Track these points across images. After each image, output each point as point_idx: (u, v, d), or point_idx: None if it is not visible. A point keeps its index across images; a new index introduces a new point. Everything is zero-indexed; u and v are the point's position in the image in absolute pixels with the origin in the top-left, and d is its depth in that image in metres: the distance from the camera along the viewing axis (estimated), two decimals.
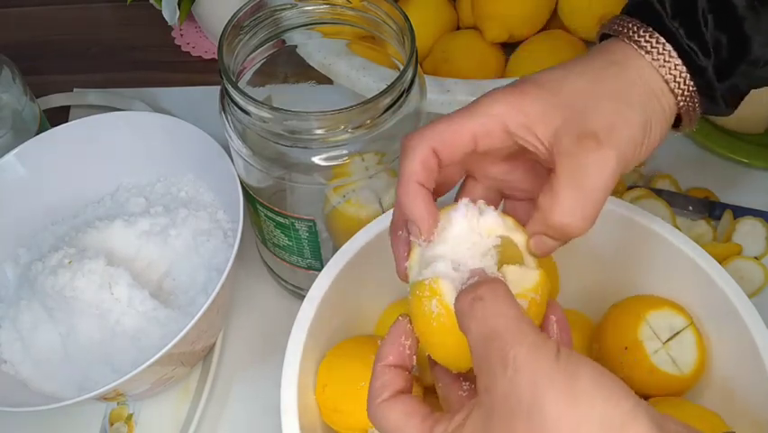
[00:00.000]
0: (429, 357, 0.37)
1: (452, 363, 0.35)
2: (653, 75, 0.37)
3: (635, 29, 0.38)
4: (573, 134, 0.35)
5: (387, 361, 0.35)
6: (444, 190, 0.40)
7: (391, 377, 0.35)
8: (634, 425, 0.26)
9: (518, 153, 0.38)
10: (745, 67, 0.38)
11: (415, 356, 0.36)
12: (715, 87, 0.38)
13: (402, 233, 0.38)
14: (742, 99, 0.40)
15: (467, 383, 0.36)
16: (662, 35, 0.38)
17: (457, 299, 0.32)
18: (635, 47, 0.38)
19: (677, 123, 0.40)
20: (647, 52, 0.37)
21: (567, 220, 0.35)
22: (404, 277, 0.38)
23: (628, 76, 0.37)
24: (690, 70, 0.38)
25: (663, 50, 0.37)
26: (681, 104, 0.38)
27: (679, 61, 0.37)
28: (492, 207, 0.37)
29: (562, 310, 0.37)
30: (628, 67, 0.37)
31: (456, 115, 0.37)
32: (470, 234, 0.36)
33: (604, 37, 0.40)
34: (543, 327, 0.36)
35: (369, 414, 0.35)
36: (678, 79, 0.38)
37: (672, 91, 0.38)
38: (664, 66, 0.37)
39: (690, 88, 0.38)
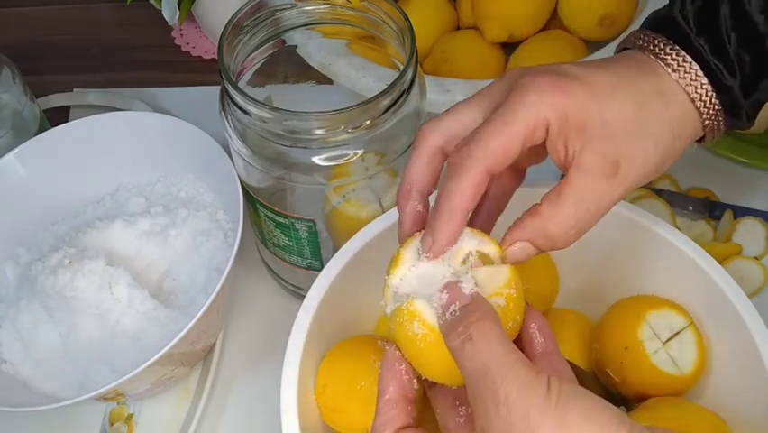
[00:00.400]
0: (425, 380, 0.36)
1: (448, 379, 0.35)
2: (680, 95, 0.37)
3: (662, 46, 0.38)
4: (599, 155, 0.35)
5: (388, 395, 0.35)
6: (503, 204, 0.40)
7: (393, 414, 0.34)
8: None
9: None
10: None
11: (415, 379, 0.35)
12: (741, 105, 0.38)
13: (416, 204, 0.38)
14: (759, 111, 0.40)
15: (463, 408, 0.36)
16: (688, 53, 0.37)
17: (447, 337, 0.32)
18: (662, 64, 0.37)
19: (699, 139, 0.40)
20: (674, 71, 0.37)
21: (561, 233, 0.35)
22: (400, 235, 0.38)
23: (670, 111, 0.37)
24: (715, 89, 0.37)
25: (690, 68, 0.37)
26: (707, 122, 0.38)
27: (705, 80, 0.37)
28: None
29: (541, 316, 0.36)
30: (670, 101, 0.37)
31: (497, 121, 0.35)
32: (437, 265, 0.36)
33: (623, 49, 0.40)
34: (524, 336, 0.36)
35: None
36: (704, 98, 0.37)
37: (698, 110, 0.37)
38: (691, 85, 0.37)
39: (716, 107, 0.38)
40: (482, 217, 0.40)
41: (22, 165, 0.58)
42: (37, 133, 0.61)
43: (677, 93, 0.37)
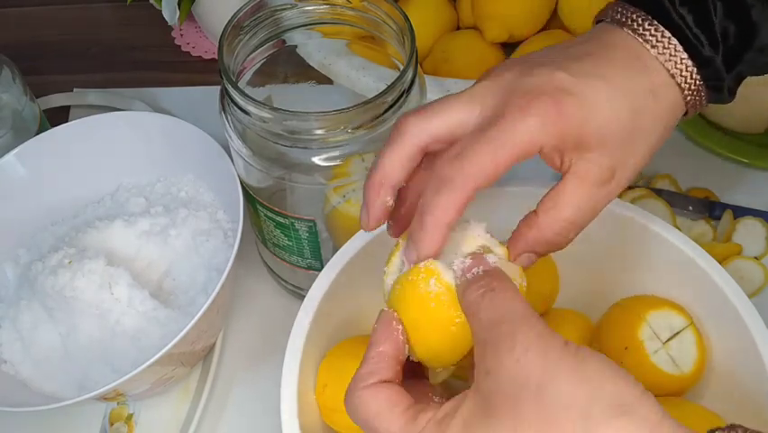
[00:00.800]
0: (408, 363, 0.35)
1: (439, 352, 0.35)
2: (659, 72, 0.37)
3: (640, 21, 0.37)
4: (595, 165, 0.36)
5: (382, 348, 0.34)
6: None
7: (382, 366, 0.33)
8: (645, 405, 0.27)
9: None
10: (752, 54, 0.38)
11: (407, 345, 0.35)
12: (723, 78, 0.38)
13: (386, 198, 0.37)
14: (740, 85, 0.40)
15: (438, 398, 0.36)
16: (667, 28, 0.37)
17: (467, 287, 0.32)
18: (641, 40, 0.37)
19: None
20: (653, 46, 0.37)
21: (561, 238, 0.36)
22: (367, 226, 0.38)
23: (661, 105, 0.37)
24: (696, 63, 0.37)
25: (669, 43, 0.37)
26: (689, 98, 0.38)
27: (685, 55, 0.37)
28: (478, 223, 0.37)
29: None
30: (660, 95, 0.37)
31: (490, 139, 0.34)
32: (454, 243, 0.36)
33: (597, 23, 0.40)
34: None
35: (346, 400, 0.34)
36: (684, 73, 0.37)
37: (680, 86, 0.37)
38: (670, 60, 0.37)
39: (698, 82, 0.37)
40: None
41: (22, 165, 0.58)
42: (37, 133, 0.61)
43: (668, 84, 0.37)
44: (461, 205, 0.34)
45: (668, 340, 0.46)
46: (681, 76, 0.37)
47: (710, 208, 0.64)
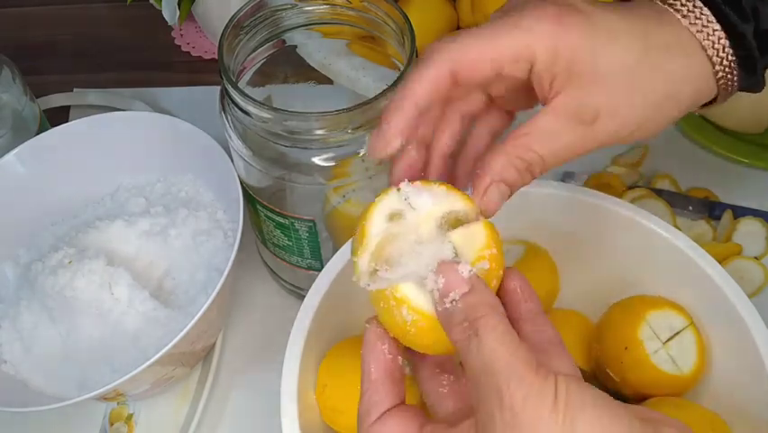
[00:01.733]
0: (407, 349, 0.35)
1: (440, 352, 0.34)
2: (690, 46, 0.35)
3: None
4: (576, 101, 0.34)
5: (370, 377, 0.33)
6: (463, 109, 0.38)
7: (380, 396, 0.33)
8: None
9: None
10: None
11: (399, 357, 0.34)
12: (755, 55, 0.36)
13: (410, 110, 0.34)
14: None
15: (446, 376, 0.35)
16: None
17: (450, 330, 0.31)
18: (671, 10, 0.35)
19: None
20: (684, 16, 0.35)
21: (524, 173, 0.34)
22: (376, 146, 0.35)
23: (669, 65, 0.35)
24: (729, 37, 0.35)
25: (702, 13, 0.35)
26: (720, 74, 0.36)
27: (718, 26, 0.35)
28: (421, 187, 0.34)
29: (521, 276, 0.35)
30: (674, 55, 0.35)
31: (485, 32, 0.33)
32: (407, 235, 0.34)
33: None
34: (508, 299, 0.34)
35: None
36: (717, 46, 0.35)
37: (711, 59, 0.35)
38: (703, 31, 0.35)
39: (730, 57, 0.35)
40: (466, 160, 0.38)
41: (22, 165, 0.58)
42: (37, 133, 0.61)
43: (688, 48, 0.35)
44: (430, 82, 0.33)
45: (668, 340, 0.46)
46: (713, 48, 0.35)
47: (710, 208, 0.64)
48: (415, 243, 0.34)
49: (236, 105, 0.46)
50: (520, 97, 0.37)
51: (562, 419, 0.27)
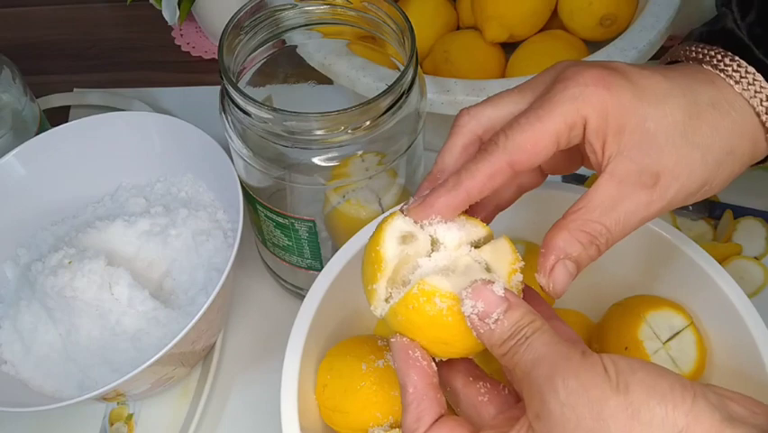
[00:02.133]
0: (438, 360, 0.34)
1: (473, 349, 0.33)
2: (740, 107, 0.35)
3: (720, 57, 0.35)
4: (635, 164, 0.33)
5: (412, 387, 0.32)
6: (511, 201, 0.38)
7: (424, 406, 0.32)
8: (697, 426, 0.26)
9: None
10: None
11: (433, 364, 0.33)
12: None
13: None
14: None
15: (481, 383, 0.34)
16: (750, 64, 0.35)
17: (498, 346, 0.31)
18: (723, 75, 0.35)
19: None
20: (737, 82, 0.35)
21: (590, 247, 0.34)
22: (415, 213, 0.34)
23: (725, 122, 0.34)
24: None
25: (755, 79, 0.35)
26: None
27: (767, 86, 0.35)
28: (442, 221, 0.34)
29: (531, 289, 0.35)
30: (725, 112, 0.34)
31: (533, 114, 0.33)
32: (421, 256, 0.34)
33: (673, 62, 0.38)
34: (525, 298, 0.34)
35: None
36: (765, 103, 0.35)
37: (764, 124, 0.35)
38: (756, 97, 0.35)
39: None
40: (486, 207, 0.38)
41: (22, 165, 0.58)
42: (37, 134, 0.61)
43: (736, 105, 0.35)
44: (488, 177, 0.33)
45: (668, 340, 0.46)
46: (761, 105, 0.35)
47: (710, 208, 0.64)
48: (431, 260, 0.34)
49: (236, 105, 0.46)
50: (560, 162, 0.37)
51: (616, 383, 0.27)
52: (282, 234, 0.54)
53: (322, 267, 0.46)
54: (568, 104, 0.33)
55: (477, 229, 0.35)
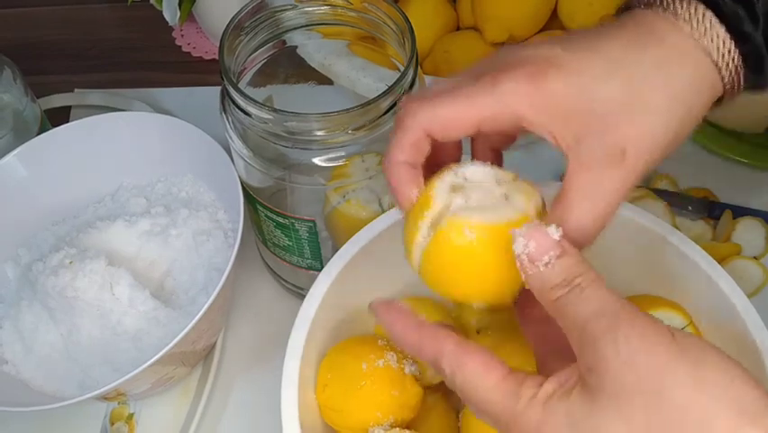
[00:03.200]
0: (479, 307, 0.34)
1: (504, 290, 0.33)
2: (695, 50, 0.34)
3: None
4: (598, 144, 0.33)
5: (409, 340, 0.33)
6: (445, 161, 0.37)
7: (433, 345, 0.32)
8: None
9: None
10: None
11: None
12: (763, 55, 0.34)
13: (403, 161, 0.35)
14: None
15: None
16: (701, 2, 0.34)
17: (547, 290, 0.30)
18: (672, 17, 0.34)
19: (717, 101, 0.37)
20: (685, 21, 0.34)
21: (578, 235, 0.33)
22: (406, 205, 0.35)
23: (670, 69, 0.34)
24: (734, 38, 0.34)
25: (704, 18, 0.34)
26: (726, 78, 0.35)
27: (722, 29, 0.33)
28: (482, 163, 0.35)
29: None
30: (673, 71, 0.34)
31: (460, 93, 0.34)
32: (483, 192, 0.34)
33: (624, 10, 0.37)
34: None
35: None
36: (722, 50, 0.34)
37: (716, 64, 0.34)
38: (706, 36, 0.34)
39: (736, 59, 0.34)
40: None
41: (23, 166, 0.58)
42: (38, 134, 0.61)
43: (687, 55, 0.34)
44: (410, 146, 0.34)
45: None
46: (718, 52, 0.34)
47: (710, 208, 0.64)
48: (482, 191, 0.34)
49: (237, 105, 0.46)
50: (503, 138, 0.38)
51: (686, 352, 0.26)
52: (282, 235, 0.54)
53: (322, 267, 0.46)
54: (496, 97, 0.33)
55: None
